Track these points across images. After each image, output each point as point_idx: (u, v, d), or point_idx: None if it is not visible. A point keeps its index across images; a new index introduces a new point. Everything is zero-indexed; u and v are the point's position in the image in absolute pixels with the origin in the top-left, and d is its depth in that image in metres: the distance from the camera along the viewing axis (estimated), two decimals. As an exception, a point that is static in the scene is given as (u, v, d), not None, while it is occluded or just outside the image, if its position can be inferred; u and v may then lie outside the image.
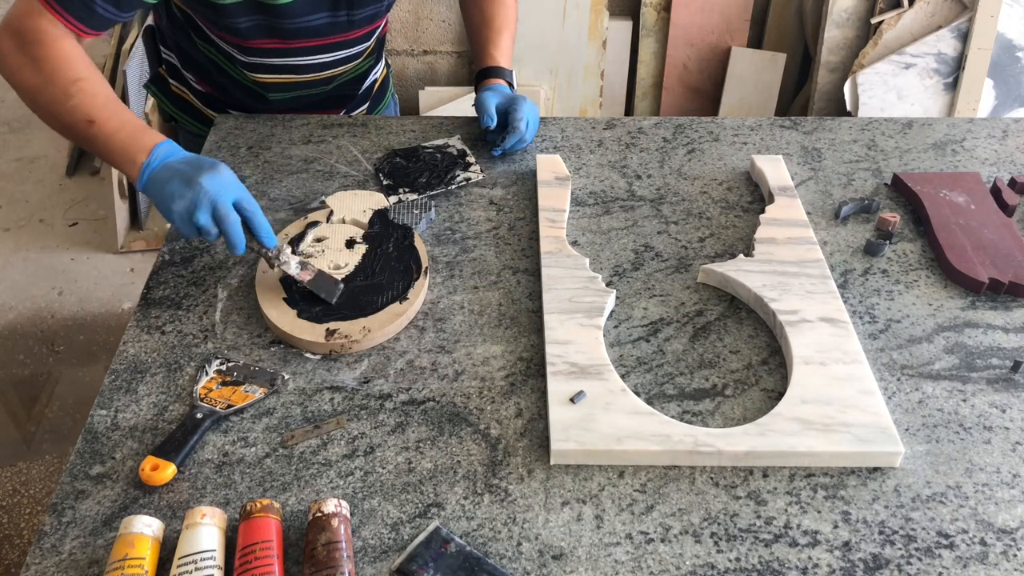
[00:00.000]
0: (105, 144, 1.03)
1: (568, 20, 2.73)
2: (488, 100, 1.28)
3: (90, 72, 1.06)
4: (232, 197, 0.98)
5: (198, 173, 0.97)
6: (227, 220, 0.97)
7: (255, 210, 1.00)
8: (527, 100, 1.29)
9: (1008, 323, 1.03)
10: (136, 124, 1.04)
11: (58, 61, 1.04)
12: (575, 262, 1.07)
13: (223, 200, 0.97)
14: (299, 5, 1.18)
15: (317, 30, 1.24)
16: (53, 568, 0.77)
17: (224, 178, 0.98)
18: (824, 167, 1.30)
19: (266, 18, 1.19)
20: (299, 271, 1.02)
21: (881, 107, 2.55)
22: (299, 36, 1.24)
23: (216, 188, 0.97)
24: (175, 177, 0.98)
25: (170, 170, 0.99)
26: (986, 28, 2.45)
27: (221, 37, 1.24)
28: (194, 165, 0.99)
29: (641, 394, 0.93)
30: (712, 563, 0.77)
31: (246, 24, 1.19)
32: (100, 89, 1.05)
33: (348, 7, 1.23)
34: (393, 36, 2.82)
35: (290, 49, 1.26)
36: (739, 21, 2.80)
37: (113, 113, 1.04)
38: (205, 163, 0.99)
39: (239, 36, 1.22)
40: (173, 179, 0.98)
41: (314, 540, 0.74)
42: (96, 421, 0.90)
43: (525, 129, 1.26)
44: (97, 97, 1.04)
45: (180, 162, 1.00)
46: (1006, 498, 0.83)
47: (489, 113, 1.27)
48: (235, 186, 0.99)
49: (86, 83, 1.04)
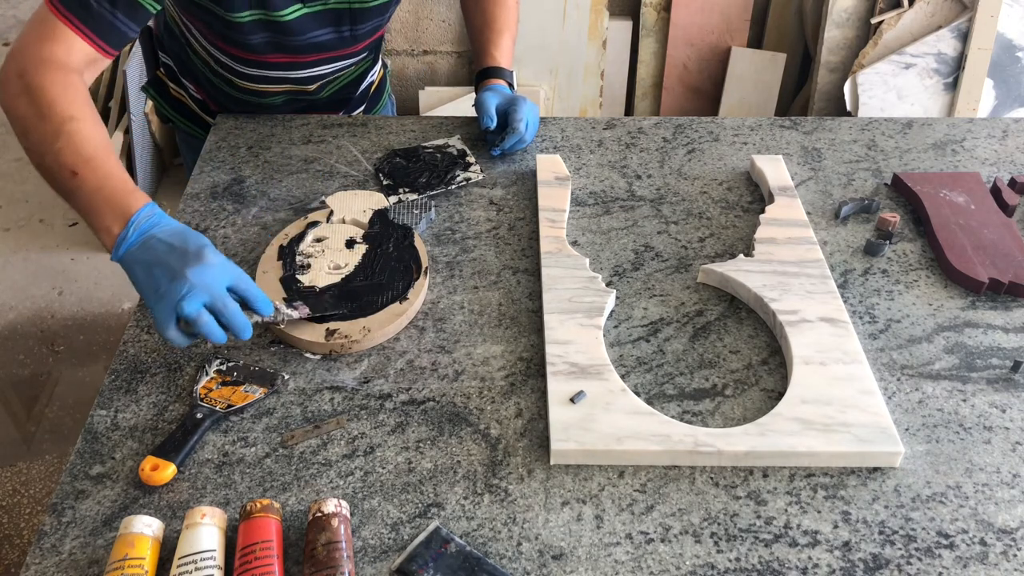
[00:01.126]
0: (85, 202, 0.93)
1: (568, 20, 2.73)
2: (488, 100, 1.28)
3: (88, 113, 0.97)
4: (225, 284, 0.89)
5: (183, 264, 0.87)
6: (227, 311, 0.88)
7: (248, 287, 0.92)
8: (527, 101, 1.29)
9: (1008, 323, 1.03)
10: (119, 185, 0.93)
11: (55, 95, 0.95)
12: (575, 262, 1.07)
13: (218, 292, 0.88)
14: (304, 22, 1.18)
15: (323, 45, 1.24)
16: (53, 568, 0.77)
17: (212, 267, 0.88)
18: (824, 167, 1.30)
19: (274, 35, 1.19)
20: (296, 313, 0.97)
21: (881, 107, 2.55)
22: (306, 51, 1.24)
23: (204, 280, 0.87)
24: (156, 265, 0.88)
25: (151, 252, 0.90)
26: (986, 28, 2.45)
27: (225, 50, 1.24)
28: (179, 252, 0.89)
29: (641, 394, 0.93)
30: (712, 563, 0.77)
31: (257, 40, 1.19)
32: (92, 136, 0.95)
33: (351, 22, 1.23)
34: (393, 36, 2.82)
35: (296, 63, 1.26)
36: (739, 21, 2.80)
37: (98, 166, 0.94)
38: (190, 250, 0.89)
39: (248, 51, 1.22)
40: (155, 267, 0.88)
41: (314, 540, 0.74)
42: (96, 421, 0.90)
43: (525, 130, 1.26)
44: (86, 145, 0.94)
45: (162, 243, 0.90)
46: (1006, 498, 0.83)
47: (489, 114, 1.27)
48: (223, 271, 0.90)
49: (79, 124, 0.95)
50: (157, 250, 0.90)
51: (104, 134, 0.98)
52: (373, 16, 1.24)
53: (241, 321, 0.89)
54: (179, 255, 0.89)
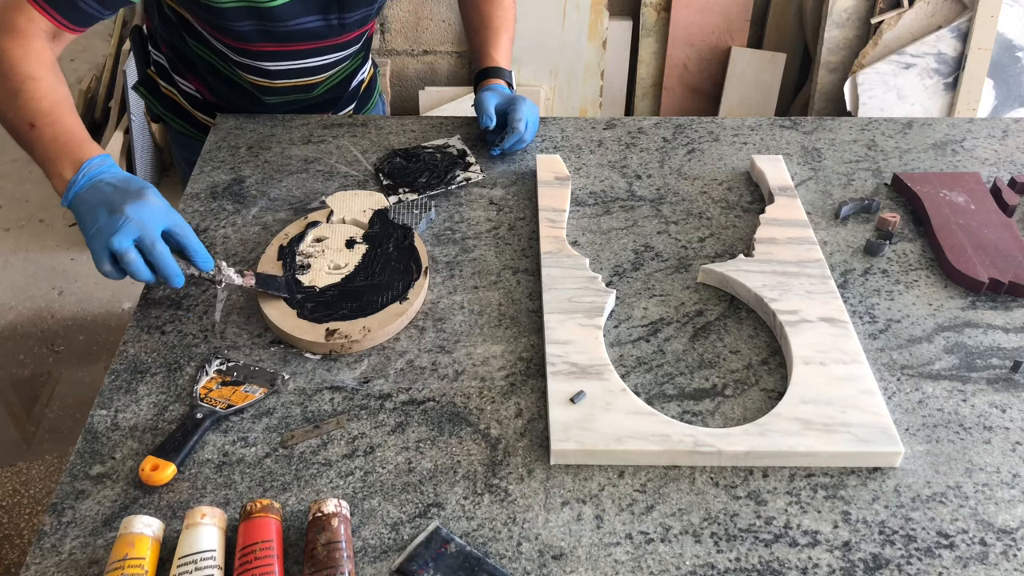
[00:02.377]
0: (41, 154, 0.98)
1: (568, 20, 2.73)
2: (487, 100, 1.28)
3: (47, 74, 1.02)
4: (160, 227, 0.92)
5: (123, 200, 0.91)
6: (154, 251, 0.90)
7: (186, 234, 0.95)
8: (527, 100, 1.29)
9: (1008, 323, 1.03)
10: (74, 135, 0.98)
11: (16, 57, 1.01)
12: (575, 262, 1.07)
13: (149, 231, 0.90)
14: (290, 8, 1.18)
15: (310, 33, 1.24)
16: (53, 568, 0.77)
17: (150, 204, 0.92)
18: (824, 167, 1.30)
19: (260, 22, 1.20)
20: (241, 280, 1.00)
21: (881, 107, 2.55)
22: (293, 39, 1.24)
23: (140, 216, 0.90)
24: (99, 206, 0.92)
25: (97, 193, 0.93)
26: (986, 28, 2.45)
27: (216, 38, 1.24)
28: (121, 191, 0.93)
29: (641, 394, 0.93)
30: (712, 563, 0.77)
31: (243, 28, 1.20)
32: (49, 92, 1.00)
33: (339, 10, 1.24)
34: (393, 36, 2.82)
35: (284, 52, 1.26)
36: (739, 21, 2.80)
37: (56, 119, 0.99)
38: (132, 188, 0.93)
39: (236, 39, 1.22)
40: (98, 206, 0.92)
41: (314, 540, 0.74)
42: (96, 421, 0.90)
43: (524, 129, 1.26)
44: (43, 101, 0.99)
45: (108, 184, 0.94)
46: (1006, 498, 0.83)
47: (488, 113, 1.27)
48: (162, 213, 0.93)
49: (38, 83, 1.00)
50: (103, 191, 0.93)
51: (64, 93, 1.03)
52: (361, 5, 1.25)
53: (170, 265, 0.92)
54: (121, 193, 0.93)
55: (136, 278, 0.92)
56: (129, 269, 0.91)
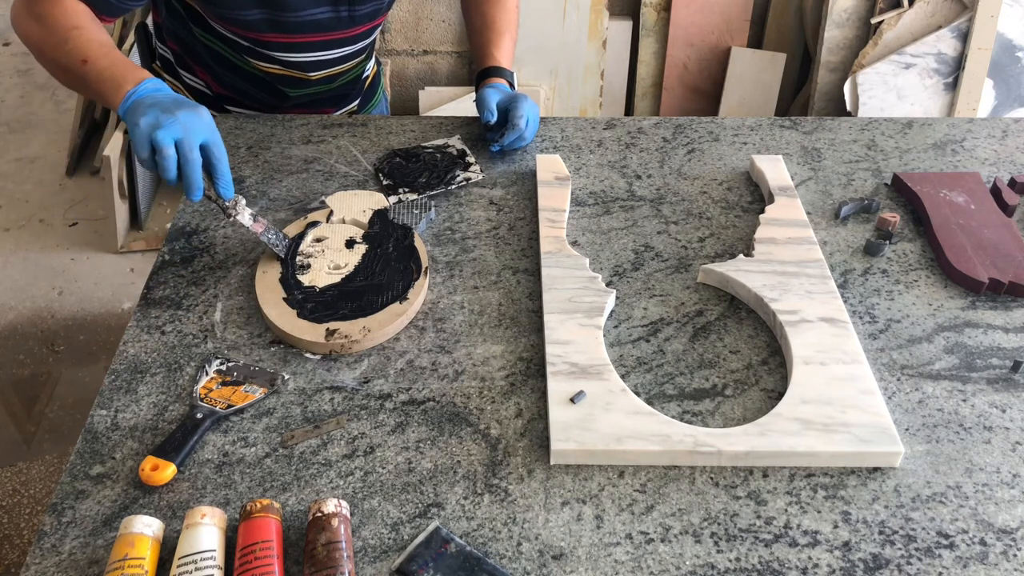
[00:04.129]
0: (97, 79, 1.05)
1: (568, 20, 2.73)
2: (489, 96, 1.29)
3: (89, 23, 1.10)
4: (201, 138, 0.98)
5: (177, 107, 0.98)
6: (188, 159, 0.96)
7: (221, 156, 1.00)
8: (528, 99, 1.29)
9: (1008, 323, 1.03)
10: (129, 63, 1.06)
11: (58, 15, 1.10)
12: (575, 262, 1.07)
13: (191, 137, 0.96)
14: None
15: (319, 24, 1.25)
16: (53, 568, 0.77)
17: (200, 118, 0.98)
18: (824, 167, 1.30)
19: (270, 11, 1.21)
20: (252, 223, 1.05)
21: (881, 107, 2.55)
22: (302, 31, 1.25)
23: (188, 123, 0.97)
24: (155, 106, 0.98)
25: (152, 100, 1.00)
26: (986, 28, 2.45)
27: (226, 28, 1.25)
28: (177, 101, 1.00)
29: (641, 394, 0.93)
30: (712, 563, 0.77)
31: (251, 17, 1.21)
32: (96, 36, 1.09)
33: (349, 2, 1.25)
34: (393, 36, 2.82)
35: (294, 44, 1.27)
36: (739, 21, 2.80)
37: (106, 53, 1.07)
38: (188, 102, 1.00)
39: (245, 28, 1.23)
40: (153, 108, 0.98)
41: (314, 540, 0.74)
42: (96, 421, 0.90)
43: (525, 127, 1.27)
44: (92, 42, 1.08)
45: (165, 96, 1.01)
46: (1006, 498, 0.83)
47: (490, 108, 1.27)
48: (207, 129, 0.99)
49: (83, 31, 1.09)
50: (160, 99, 1.00)
51: (108, 39, 1.11)
52: None
53: (196, 173, 0.97)
54: (178, 102, 0.99)
55: (163, 175, 0.97)
56: (162, 163, 0.96)
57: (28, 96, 3.41)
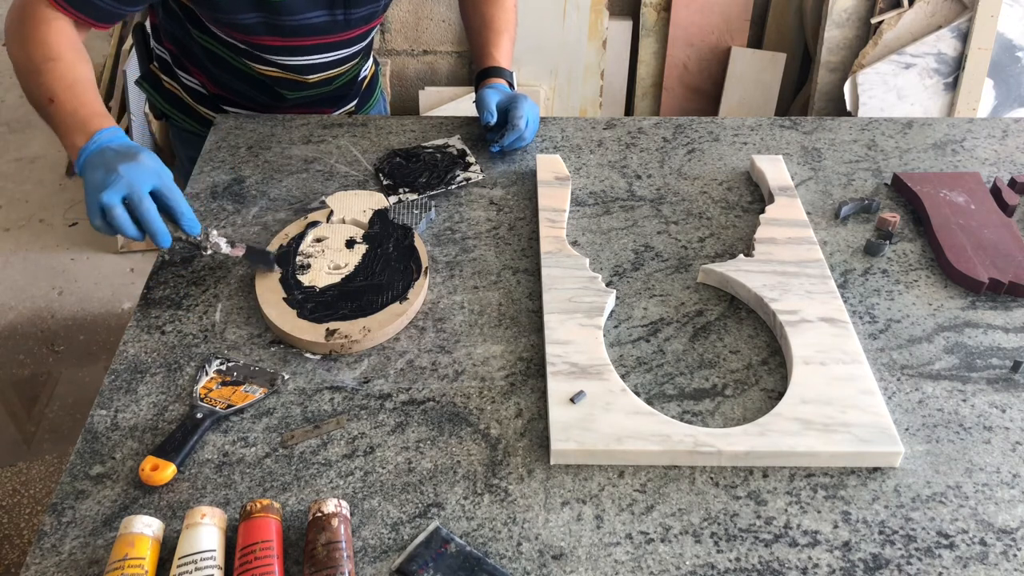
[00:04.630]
0: (59, 124, 1.05)
1: (568, 20, 2.73)
2: (489, 97, 1.29)
3: (68, 55, 1.08)
4: (148, 186, 0.96)
5: (119, 161, 0.96)
6: (140, 210, 0.95)
7: (174, 197, 0.99)
8: (528, 99, 1.29)
9: (1008, 323, 1.03)
10: (91, 109, 1.05)
11: (39, 42, 1.07)
12: (575, 262, 1.07)
13: (137, 190, 0.94)
14: (296, 2, 1.19)
15: (315, 28, 1.25)
16: (53, 568, 0.77)
17: (142, 165, 0.96)
18: (824, 167, 1.30)
19: (267, 15, 1.20)
20: (230, 249, 1.04)
21: (881, 107, 2.55)
22: (299, 34, 1.25)
23: (131, 176, 0.95)
24: (100, 166, 0.97)
25: (99, 159, 0.98)
26: (986, 28, 2.45)
27: (223, 31, 1.25)
28: (120, 154, 0.98)
29: (641, 394, 0.93)
30: (712, 563, 0.77)
31: (249, 21, 1.21)
32: (69, 72, 1.06)
33: (344, 5, 1.24)
34: (393, 36, 2.82)
35: (291, 47, 1.27)
36: (739, 21, 2.80)
37: (74, 96, 1.05)
38: (130, 151, 0.98)
39: (243, 32, 1.23)
40: (98, 168, 0.97)
41: (314, 540, 0.74)
42: (96, 421, 0.90)
43: (525, 127, 1.27)
44: (63, 79, 1.06)
45: (111, 149, 0.99)
46: (1006, 498, 0.83)
47: (489, 109, 1.27)
48: (153, 175, 0.97)
49: (58, 64, 1.06)
50: (105, 155, 0.99)
51: (84, 72, 1.09)
52: (367, 1, 1.25)
53: (154, 222, 0.96)
54: (120, 155, 0.98)
55: (123, 234, 0.96)
56: (115, 224, 0.95)
57: (28, 96, 3.41)
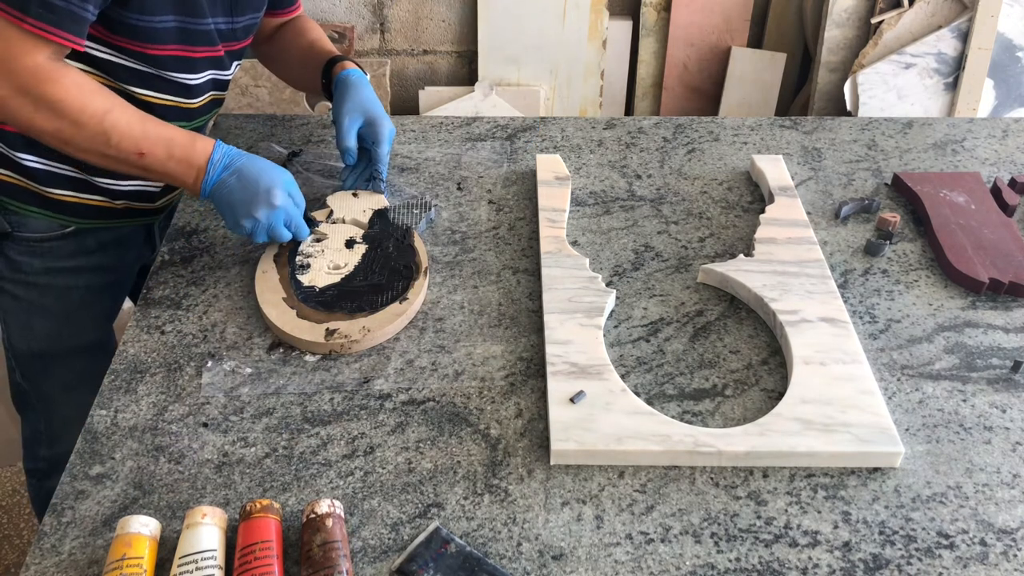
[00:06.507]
0: (162, 173, 1.04)
1: (568, 20, 2.73)
2: (347, 127, 1.17)
3: (108, 98, 0.99)
4: (281, 222, 1.06)
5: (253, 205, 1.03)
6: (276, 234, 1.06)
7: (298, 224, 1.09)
8: (386, 120, 1.19)
9: (1008, 323, 1.03)
10: (181, 144, 1.03)
11: (74, 99, 0.96)
12: (575, 262, 1.07)
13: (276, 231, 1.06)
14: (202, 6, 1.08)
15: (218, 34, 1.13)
16: (53, 568, 0.76)
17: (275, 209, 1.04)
18: (824, 167, 1.30)
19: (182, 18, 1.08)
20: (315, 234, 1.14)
21: (881, 107, 2.55)
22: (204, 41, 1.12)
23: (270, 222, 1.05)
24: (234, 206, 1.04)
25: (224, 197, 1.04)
26: (986, 28, 2.45)
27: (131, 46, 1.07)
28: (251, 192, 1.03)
29: (641, 394, 0.93)
30: (712, 563, 0.77)
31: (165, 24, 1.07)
32: (130, 115, 1.01)
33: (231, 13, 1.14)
34: (393, 36, 2.82)
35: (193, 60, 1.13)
36: (739, 21, 2.80)
37: (157, 139, 1.02)
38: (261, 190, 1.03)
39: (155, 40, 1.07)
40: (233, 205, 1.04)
41: (310, 541, 0.74)
42: (96, 421, 0.90)
43: (386, 163, 1.20)
44: (133, 127, 1.00)
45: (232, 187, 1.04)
46: (1006, 498, 0.83)
47: (349, 149, 1.18)
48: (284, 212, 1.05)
49: (116, 114, 0.99)
50: (227, 192, 1.04)
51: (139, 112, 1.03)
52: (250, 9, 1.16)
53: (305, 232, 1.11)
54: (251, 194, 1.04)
55: (277, 240, 1.09)
56: (278, 240, 1.08)
57: (28, 96, 3.40)
